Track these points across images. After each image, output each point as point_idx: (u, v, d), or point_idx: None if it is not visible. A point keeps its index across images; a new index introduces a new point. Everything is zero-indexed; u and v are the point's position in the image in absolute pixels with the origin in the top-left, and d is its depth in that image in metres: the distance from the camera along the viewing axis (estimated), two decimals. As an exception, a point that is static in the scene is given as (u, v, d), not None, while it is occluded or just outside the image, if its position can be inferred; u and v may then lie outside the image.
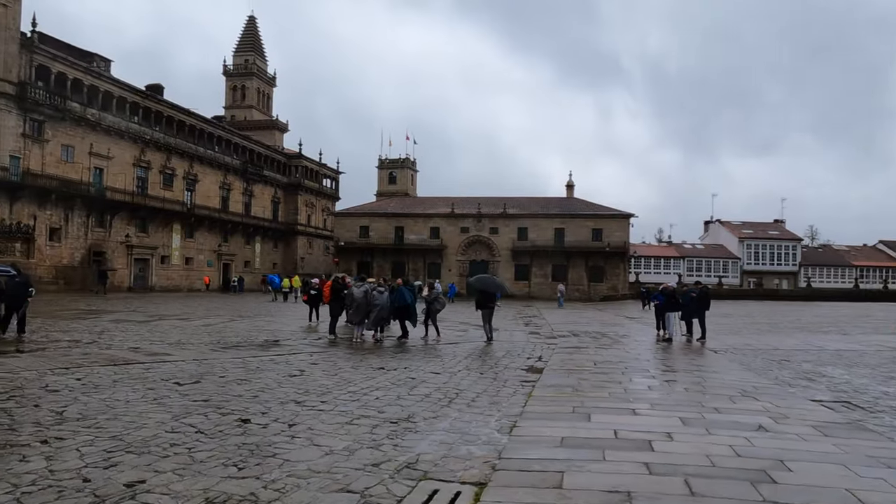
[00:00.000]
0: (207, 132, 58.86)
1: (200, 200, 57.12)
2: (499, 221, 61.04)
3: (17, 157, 40.17)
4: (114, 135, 47.46)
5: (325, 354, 12.29)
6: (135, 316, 20.24)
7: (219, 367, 9.97)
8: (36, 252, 40.76)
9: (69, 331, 14.79)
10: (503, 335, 18.48)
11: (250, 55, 78.82)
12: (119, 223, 48.16)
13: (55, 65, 42.59)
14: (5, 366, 9.01)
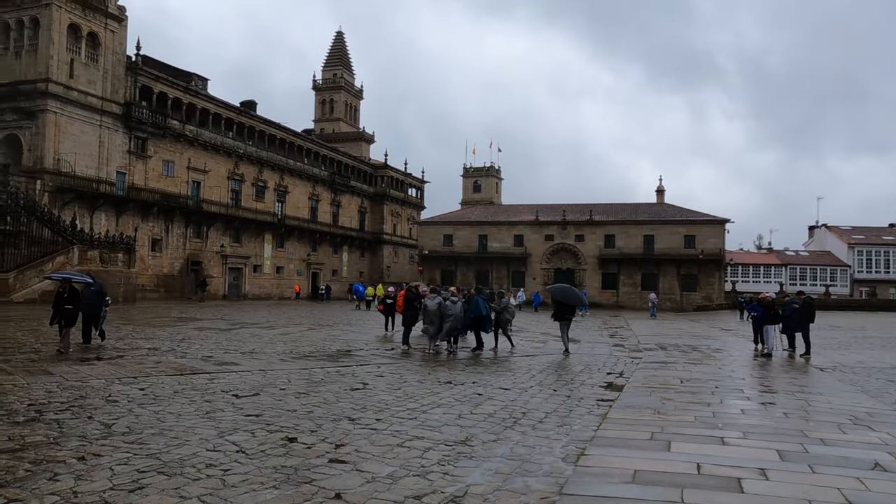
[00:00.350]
0: (297, 145, 60.73)
1: (290, 211, 58.91)
2: (584, 229, 59.40)
3: (123, 172, 42.75)
4: (210, 149, 49.73)
5: (394, 366, 11.93)
6: (219, 324, 20.77)
7: (283, 378, 9.79)
8: (139, 262, 43.14)
9: (153, 338, 15.22)
10: (584, 347, 17.59)
11: (338, 69, 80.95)
12: (214, 234, 50.31)
13: (157, 85, 45.11)
14: (78, 374, 9.18)
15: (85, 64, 39.75)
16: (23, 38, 38.34)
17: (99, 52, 40.53)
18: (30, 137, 37.83)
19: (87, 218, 39.22)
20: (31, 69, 37.92)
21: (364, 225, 70.77)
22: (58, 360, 10.70)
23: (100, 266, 30.47)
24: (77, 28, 39.02)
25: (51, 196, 37.23)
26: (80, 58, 39.39)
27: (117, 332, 16.33)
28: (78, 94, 39.08)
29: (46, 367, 9.60)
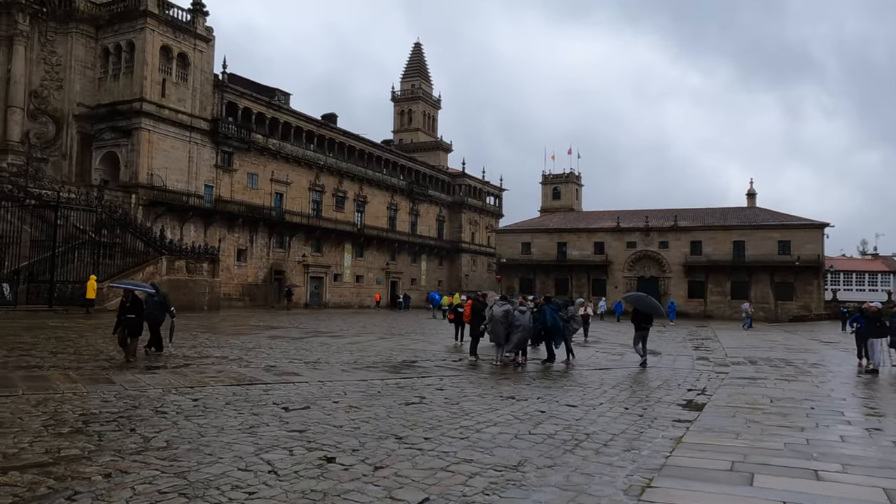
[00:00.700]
0: (375, 155, 61.59)
1: (369, 221, 59.73)
2: (669, 235, 57.02)
3: (211, 185, 44.55)
4: (292, 162, 51.13)
5: (457, 379, 11.46)
6: (293, 332, 20.97)
7: (339, 390, 9.51)
8: (225, 271, 44.80)
9: (225, 346, 15.42)
10: (665, 360, 16.52)
11: (416, 80, 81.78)
12: (296, 244, 51.60)
13: (242, 101, 46.84)
14: (138, 383, 9.24)
15: (175, 83, 41.73)
16: (120, 62, 40.72)
17: (188, 72, 42.48)
18: (126, 154, 40.03)
19: (177, 229, 41.07)
20: (127, 90, 40.18)
21: (442, 234, 70.88)
22: (125, 368, 10.88)
23: (186, 275, 31.72)
24: (168, 49, 41.04)
25: (144, 209, 39.20)
26: (171, 77, 41.40)
27: (193, 340, 16.70)
28: (169, 112, 41.05)
29: (111, 376, 9.73)
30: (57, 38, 40.82)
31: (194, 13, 42.98)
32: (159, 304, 13.33)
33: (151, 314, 13.12)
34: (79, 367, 10.85)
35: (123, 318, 11.88)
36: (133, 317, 11.92)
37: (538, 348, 16.37)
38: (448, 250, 71.02)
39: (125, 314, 11.90)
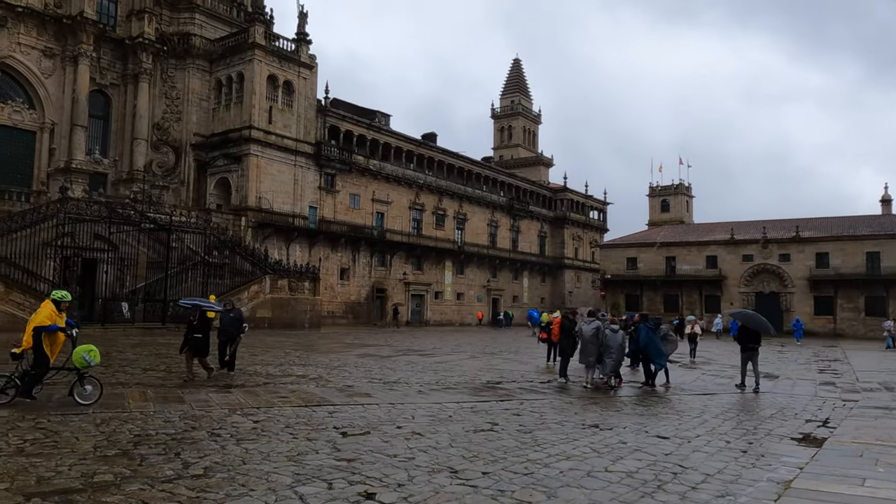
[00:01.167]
0: (475, 173, 61.50)
1: (470, 238, 59.57)
2: (790, 247, 52.71)
3: (315, 206, 46.01)
4: (392, 181, 51.96)
5: (539, 403, 10.64)
6: (384, 350, 20.81)
7: (407, 414, 9.00)
8: (328, 290, 45.99)
9: (310, 365, 15.39)
10: (782, 384, 14.82)
11: (515, 96, 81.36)
12: (397, 262, 52.20)
13: (343, 124, 48.22)
14: (207, 403, 9.17)
15: (281, 110, 43.58)
16: (231, 93, 43.07)
17: (293, 98, 44.25)
18: (237, 179, 42.14)
19: (283, 250, 42.62)
20: (237, 119, 42.40)
21: (544, 250, 69.55)
22: (201, 386, 10.92)
23: (288, 294, 32.67)
24: (275, 78, 42.97)
25: (253, 231, 40.98)
26: (277, 105, 43.29)
27: (282, 358, 16.84)
28: (276, 138, 42.87)
29: (184, 395, 9.75)
30: (176, 73, 43.83)
31: (298, 42, 44.82)
32: (235, 322, 13.09)
33: (226, 331, 12.99)
34: (161, 384, 11.03)
35: (190, 336, 11.80)
36: (199, 336, 11.78)
37: (637, 370, 15.21)
38: (550, 267, 69.55)
39: (192, 333, 11.83)
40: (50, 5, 38.77)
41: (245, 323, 13.63)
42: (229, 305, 13.60)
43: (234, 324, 13.07)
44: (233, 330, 13.03)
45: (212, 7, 45.60)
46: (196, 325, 11.98)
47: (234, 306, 13.88)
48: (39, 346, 8.49)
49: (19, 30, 37.48)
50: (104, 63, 41.28)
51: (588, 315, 13.53)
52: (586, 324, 13.04)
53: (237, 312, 13.52)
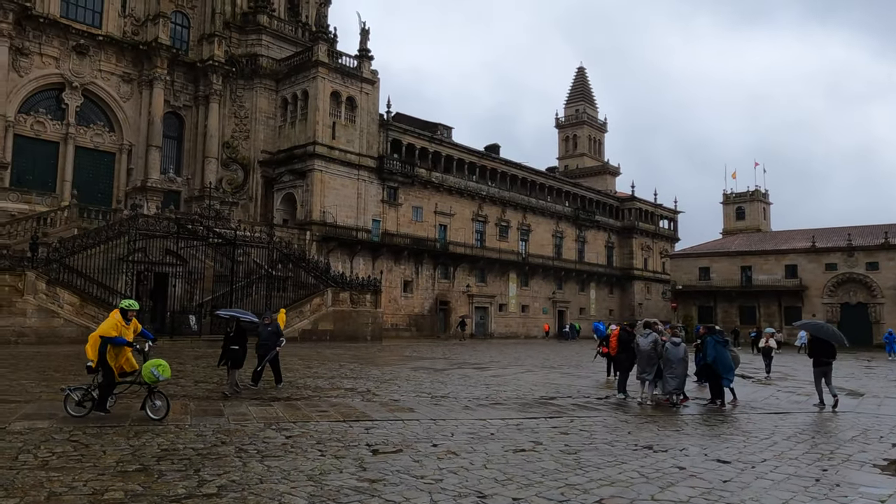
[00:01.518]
0: (538, 183, 60.71)
1: (534, 249, 58.72)
2: (879, 255, 49.29)
3: (378, 220, 46.40)
4: (455, 193, 51.87)
5: (592, 421, 10.02)
6: (439, 363, 20.47)
7: (447, 431, 8.60)
8: (392, 302, 46.19)
9: (361, 378, 15.20)
10: (868, 403, 13.57)
11: (580, 105, 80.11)
12: (461, 274, 51.94)
13: (405, 137, 48.54)
14: (245, 417, 9.05)
15: (344, 125, 44.27)
16: (297, 110, 44.11)
17: (356, 114, 44.90)
18: (301, 194, 43.00)
19: (347, 263, 43.10)
20: (302, 135, 43.35)
21: (612, 260, 67.82)
22: (247, 398, 10.85)
23: (350, 306, 32.88)
24: (338, 94, 43.73)
25: (318, 245, 41.63)
26: (340, 120, 44.01)
27: (336, 370, 16.76)
28: (339, 153, 43.55)
29: (224, 408, 9.68)
30: (244, 93, 45.28)
31: (360, 59, 45.50)
32: (273, 335, 12.91)
33: (264, 345, 12.75)
34: (207, 397, 11.04)
35: (227, 348, 11.57)
36: (236, 348, 11.47)
37: (704, 386, 14.28)
38: (619, 278, 67.72)
39: (228, 345, 11.63)
40: (128, 33, 40.85)
41: (282, 336, 13.47)
42: (268, 319, 13.37)
43: (272, 337, 12.94)
44: (270, 344, 12.86)
45: (278, 28, 46.94)
46: (233, 337, 11.79)
47: (273, 320, 13.67)
48: (103, 357, 8.35)
49: (100, 57, 39.61)
50: (177, 86, 43.11)
51: (644, 327, 12.76)
52: (643, 336, 12.31)
53: (275, 326, 13.38)
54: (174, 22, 43.23)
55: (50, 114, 37.95)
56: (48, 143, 37.91)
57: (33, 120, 37.23)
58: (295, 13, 49.23)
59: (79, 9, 39.24)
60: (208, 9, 44.19)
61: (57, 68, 37.92)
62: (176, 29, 43.51)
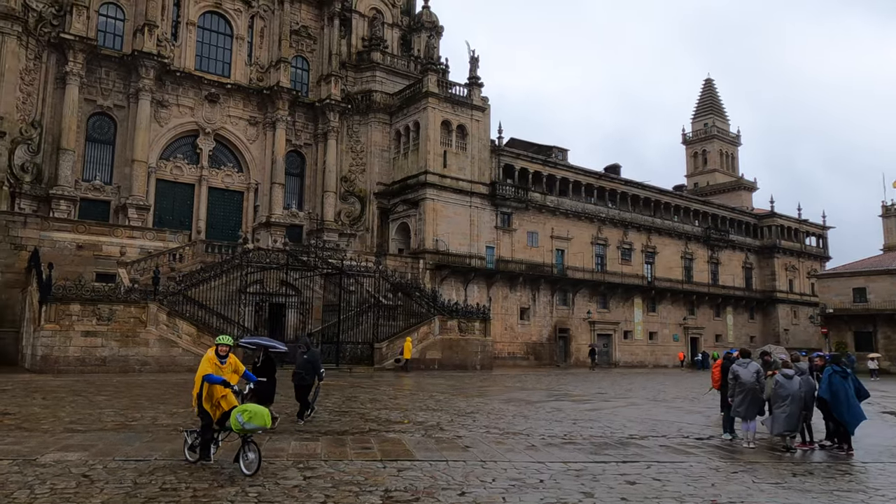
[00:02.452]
0: (664, 202, 57.52)
1: (661, 272, 55.43)
2: None
3: (492, 246, 45.82)
4: (572, 217, 50.24)
5: (672, 467, 8.57)
6: (536, 395, 19.23)
7: (489, 476, 7.62)
8: (507, 330, 45.22)
9: (440, 410, 14.42)
10: None
11: (709, 118, 75.48)
12: (580, 300, 49.95)
13: (517, 162, 47.86)
14: (277, 452, 8.58)
15: (455, 153, 44.41)
16: (409, 141, 44.91)
17: (466, 141, 44.94)
18: (415, 223, 43.46)
19: (461, 291, 42.79)
20: (414, 165, 43.98)
21: (751, 282, 62.48)
22: (290, 433, 10.41)
23: (458, 335, 32.35)
24: (448, 123, 44.03)
25: (431, 273, 41.70)
26: (451, 148, 44.21)
27: (423, 400, 16.12)
28: (450, 181, 43.64)
29: (266, 441, 9.29)
30: (360, 128, 46.86)
31: (470, 87, 45.65)
32: (309, 364, 11.59)
33: (298, 374, 11.58)
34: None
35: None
36: (263, 380, 10.23)
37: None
38: (759, 301, 62.19)
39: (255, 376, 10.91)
40: (253, 80, 43.73)
41: (322, 367, 12.13)
42: (303, 347, 12.18)
43: (307, 366, 11.62)
44: (305, 374, 11.59)
45: (391, 63, 48.30)
46: (259, 368, 10.87)
47: (311, 347, 12.42)
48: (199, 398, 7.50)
49: (229, 104, 42.65)
50: (298, 125, 45.43)
51: (742, 355, 10.98)
52: (741, 366, 10.57)
53: (312, 354, 11.97)
54: (295, 66, 45.77)
55: (186, 158, 41.24)
56: (185, 186, 41.16)
57: (172, 165, 40.60)
58: (407, 48, 50.50)
59: (210, 61, 42.59)
60: (325, 51, 46.37)
61: (192, 117, 41.21)
62: (297, 73, 46.01)
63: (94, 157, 38.38)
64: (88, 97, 37.65)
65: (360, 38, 48.17)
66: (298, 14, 46.37)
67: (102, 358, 22.00)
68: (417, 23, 51.29)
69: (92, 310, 22.24)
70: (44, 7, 36.16)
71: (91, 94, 37.73)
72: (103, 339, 22.24)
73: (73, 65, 36.00)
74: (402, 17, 51.21)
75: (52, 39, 35.92)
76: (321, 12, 47.01)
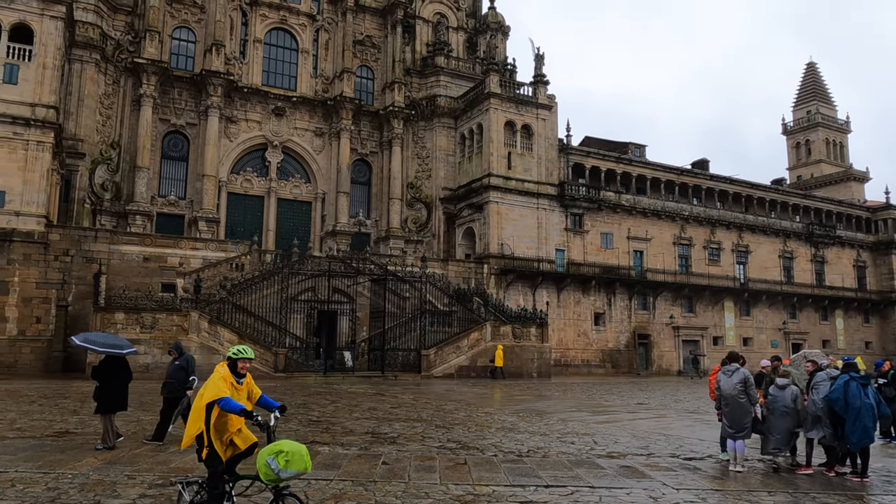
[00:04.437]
0: (757, 197, 53.33)
1: (755, 273, 51.33)
2: None
3: (562, 249, 44.05)
4: (650, 216, 47.49)
5: (688, 494, 7.18)
6: (562, 405, 17.71)
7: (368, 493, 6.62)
8: (581, 336, 43.26)
9: (443, 428, 13.42)
10: None
11: (812, 105, 69.40)
12: (662, 304, 47.04)
13: (588, 160, 45.85)
14: (161, 465, 7.95)
15: (520, 154, 43.12)
16: (473, 144, 44.11)
17: (532, 141, 43.55)
18: (479, 227, 42.52)
19: (529, 296, 41.33)
20: (478, 168, 43.09)
21: (864, 282, 56.62)
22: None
23: (512, 341, 31.06)
24: (512, 124, 42.85)
25: (496, 278, 40.60)
26: (515, 149, 42.97)
27: (433, 411, 15.20)
28: (515, 183, 42.39)
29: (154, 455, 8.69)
30: (425, 134, 46.58)
31: (535, 85, 44.28)
32: (182, 373, 10.01)
33: (169, 384, 10.00)
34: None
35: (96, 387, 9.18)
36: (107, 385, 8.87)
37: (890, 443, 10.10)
38: (875, 303, 56.21)
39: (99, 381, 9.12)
40: (319, 92, 44.54)
41: (194, 376, 10.18)
42: (174, 353, 10.37)
43: (179, 375, 9.99)
44: (176, 384, 9.95)
45: (455, 67, 47.76)
46: (98, 370, 9.28)
47: (183, 352, 10.47)
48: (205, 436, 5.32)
49: (295, 116, 43.67)
50: (364, 134, 45.80)
51: (730, 360, 9.28)
52: (725, 374, 8.90)
53: (184, 360, 10.22)
54: (359, 76, 46.24)
55: (255, 171, 42.55)
56: (255, 198, 42.46)
57: (242, 178, 42.01)
58: (473, 50, 49.80)
59: (276, 76, 43.81)
60: (389, 59, 46.55)
61: (260, 130, 42.51)
62: (361, 82, 46.47)
63: (170, 173, 40.36)
64: (163, 117, 39.70)
65: (424, 43, 48.00)
66: (362, 24, 46.88)
67: (145, 365, 22.67)
68: (483, 24, 50.52)
69: (136, 318, 23.05)
70: (121, 35, 38.51)
71: (165, 114, 39.75)
72: (146, 346, 22.96)
73: (147, 87, 38.06)
74: (467, 20, 50.61)
75: (128, 65, 38.17)
76: (384, 21, 47.29)
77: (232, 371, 5.52)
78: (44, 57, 30.34)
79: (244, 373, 5.60)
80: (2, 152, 29.02)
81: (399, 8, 46.42)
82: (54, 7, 30.74)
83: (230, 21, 42.06)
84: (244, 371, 5.59)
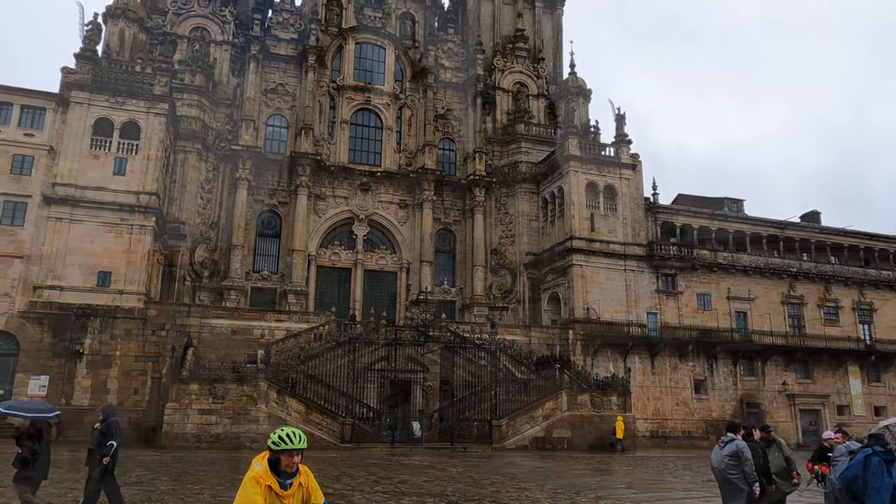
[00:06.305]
0: (879, 249, 48.61)
1: (882, 333, 46.26)
2: None
3: (654, 312, 41.86)
4: (752, 274, 44.40)
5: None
6: (614, 482, 16.32)
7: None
8: (681, 405, 40.39)
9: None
10: None
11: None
12: (773, 369, 43.20)
13: (677, 218, 43.96)
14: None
15: (604, 215, 42.07)
16: (555, 207, 43.65)
17: (616, 201, 42.46)
18: (564, 292, 41.46)
19: (619, 362, 39.36)
20: (560, 232, 42.41)
21: None
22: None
23: (591, 410, 29.44)
24: (594, 185, 42.11)
25: (582, 344, 39.11)
26: (598, 211, 42.01)
27: (467, 489, 14.52)
28: (600, 245, 41.23)
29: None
30: (507, 200, 46.69)
31: (617, 145, 43.55)
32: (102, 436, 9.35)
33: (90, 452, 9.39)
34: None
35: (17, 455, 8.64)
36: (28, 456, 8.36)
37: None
38: None
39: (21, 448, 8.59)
40: (402, 165, 46.14)
41: (112, 440, 9.32)
42: (101, 416, 9.63)
43: (100, 441, 9.30)
44: (97, 451, 9.28)
45: (536, 133, 48.05)
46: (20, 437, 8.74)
47: (109, 416, 9.62)
48: None
49: (380, 190, 45.30)
50: (447, 204, 46.60)
51: (728, 429, 8.15)
52: (718, 446, 7.82)
53: (106, 425, 9.43)
54: (441, 147, 47.52)
55: (342, 244, 44.20)
56: (342, 270, 43.94)
57: (330, 252, 43.73)
58: (554, 116, 49.98)
59: (361, 153, 45.91)
60: (470, 130, 47.67)
61: (346, 206, 44.38)
62: (444, 153, 47.71)
63: (264, 249, 42.76)
64: (257, 197, 42.49)
65: (504, 112, 48.80)
66: (444, 99, 48.52)
67: (216, 435, 23.49)
68: (564, 90, 50.79)
69: (209, 389, 24.07)
70: (221, 125, 42.15)
71: (259, 195, 42.54)
72: (217, 416, 23.83)
73: (243, 171, 41.08)
74: (547, 86, 51.08)
75: (227, 151, 41.51)
76: (465, 94, 48.75)
77: (272, 469, 4.02)
78: (148, 149, 33.64)
79: (292, 470, 4.04)
80: (109, 237, 32.06)
81: (479, 81, 47.76)
82: (158, 105, 34.23)
83: (319, 106, 44.93)
84: (292, 468, 4.03)
